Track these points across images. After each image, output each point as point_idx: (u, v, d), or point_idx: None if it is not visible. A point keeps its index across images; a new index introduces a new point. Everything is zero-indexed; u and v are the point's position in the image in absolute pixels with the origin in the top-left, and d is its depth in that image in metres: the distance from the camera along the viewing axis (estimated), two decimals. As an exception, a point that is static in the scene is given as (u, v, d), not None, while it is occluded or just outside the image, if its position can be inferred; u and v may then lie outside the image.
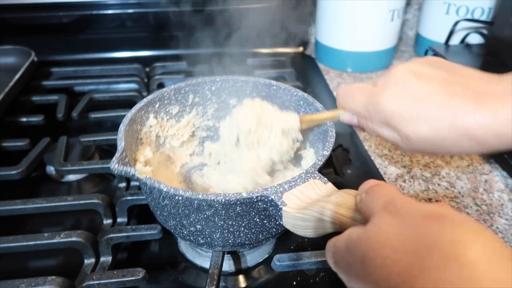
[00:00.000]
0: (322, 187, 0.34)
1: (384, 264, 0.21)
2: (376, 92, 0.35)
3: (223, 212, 0.36)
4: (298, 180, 0.35)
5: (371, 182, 0.27)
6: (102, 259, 0.45)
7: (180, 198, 0.35)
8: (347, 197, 0.29)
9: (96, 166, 0.55)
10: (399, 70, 0.34)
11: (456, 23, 0.79)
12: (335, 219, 0.29)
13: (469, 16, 0.83)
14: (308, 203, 0.32)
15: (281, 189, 0.34)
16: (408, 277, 0.20)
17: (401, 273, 0.20)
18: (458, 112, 0.30)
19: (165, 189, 0.34)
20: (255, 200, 0.34)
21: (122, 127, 0.42)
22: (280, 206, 0.33)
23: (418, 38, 0.95)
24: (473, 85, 0.31)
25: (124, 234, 0.45)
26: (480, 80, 0.32)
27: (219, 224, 0.37)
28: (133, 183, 0.56)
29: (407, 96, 0.33)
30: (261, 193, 0.34)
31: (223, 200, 0.34)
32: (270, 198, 0.34)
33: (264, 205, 0.35)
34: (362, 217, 0.27)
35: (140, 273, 0.40)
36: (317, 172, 0.36)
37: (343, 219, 0.28)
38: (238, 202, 0.34)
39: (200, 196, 0.34)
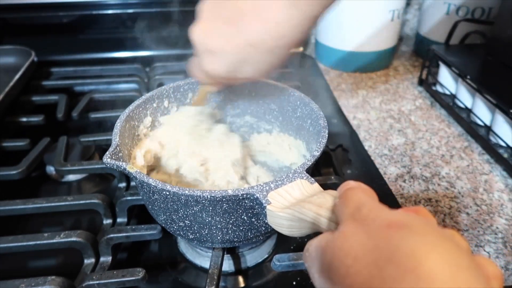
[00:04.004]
0: (308, 188, 0.34)
1: (347, 274, 0.21)
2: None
3: (210, 208, 0.36)
4: (285, 179, 0.35)
5: (347, 185, 0.27)
6: (102, 259, 0.45)
7: (167, 193, 0.35)
8: (328, 198, 0.29)
9: (96, 166, 0.55)
10: (195, 35, 0.40)
11: (456, 23, 0.79)
12: (315, 220, 0.29)
13: (469, 16, 0.83)
14: (292, 203, 0.33)
15: (267, 188, 0.34)
16: None
17: (362, 283, 0.20)
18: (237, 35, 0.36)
19: (153, 184, 0.35)
20: (240, 197, 0.35)
21: (118, 123, 0.43)
22: (264, 205, 0.33)
23: (418, 38, 0.95)
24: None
25: (124, 234, 0.45)
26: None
27: (207, 220, 0.38)
28: (133, 183, 0.56)
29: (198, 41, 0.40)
30: (247, 191, 0.34)
31: (208, 196, 0.34)
32: (255, 196, 0.34)
33: (251, 203, 0.36)
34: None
35: (140, 273, 0.40)
36: (304, 172, 0.36)
37: (323, 220, 0.28)
38: (224, 199, 0.35)
39: (186, 192, 0.34)
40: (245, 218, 0.38)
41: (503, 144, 0.61)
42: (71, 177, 0.60)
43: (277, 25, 0.35)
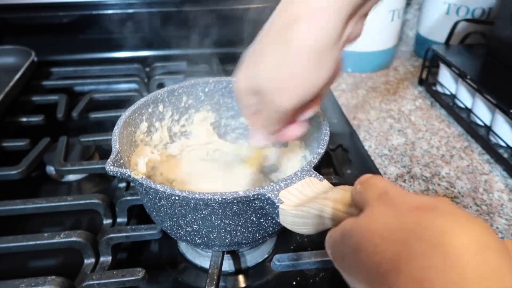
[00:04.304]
0: (318, 185, 0.35)
1: (375, 252, 0.21)
2: None
3: (220, 211, 0.36)
4: (294, 178, 0.35)
5: (367, 176, 0.27)
6: (102, 259, 0.45)
7: (176, 198, 0.35)
8: (343, 192, 0.30)
9: (96, 166, 0.55)
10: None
11: (456, 23, 0.79)
12: (332, 215, 0.29)
13: (469, 16, 0.83)
14: (304, 200, 0.33)
15: (278, 187, 0.34)
16: (396, 264, 0.20)
17: (391, 260, 0.21)
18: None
19: (161, 189, 0.35)
20: (251, 198, 0.34)
21: (116, 129, 0.43)
22: (277, 204, 0.33)
23: (418, 38, 0.95)
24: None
25: (124, 234, 0.45)
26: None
27: (216, 224, 0.37)
28: (133, 184, 0.56)
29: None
30: (258, 191, 0.34)
31: (220, 199, 0.34)
32: (266, 196, 0.34)
33: (261, 204, 0.35)
34: (358, 212, 0.27)
35: (140, 273, 0.40)
36: (312, 169, 0.36)
37: (340, 215, 0.28)
38: (235, 201, 0.34)
39: (197, 196, 0.34)
40: (254, 219, 0.37)
41: (503, 144, 0.61)
42: (71, 177, 0.60)
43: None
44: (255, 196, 0.34)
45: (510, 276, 0.18)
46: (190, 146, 0.54)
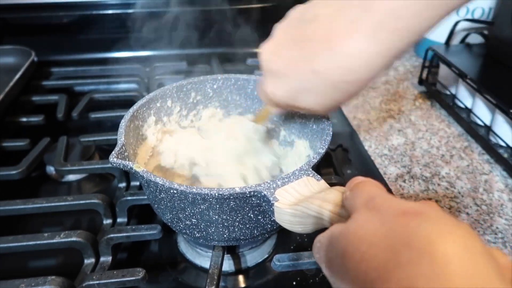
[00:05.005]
0: (315, 184, 0.35)
1: (362, 259, 0.21)
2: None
3: (218, 206, 0.36)
4: (292, 176, 0.35)
5: (357, 180, 0.28)
6: (102, 259, 0.45)
7: (175, 191, 0.35)
8: (336, 193, 0.30)
9: (96, 166, 0.55)
10: (263, 54, 0.38)
11: (456, 23, 0.79)
12: (323, 216, 0.29)
13: (469, 16, 0.83)
14: (300, 199, 0.33)
15: (274, 185, 0.35)
16: (383, 272, 0.20)
17: (377, 267, 0.20)
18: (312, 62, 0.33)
19: (160, 182, 0.35)
20: (248, 195, 0.35)
21: (123, 123, 0.43)
22: (272, 202, 0.33)
23: (418, 38, 0.95)
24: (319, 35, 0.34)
25: (124, 234, 0.45)
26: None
27: (214, 219, 0.38)
28: (133, 183, 0.56)
29: (271, 73, 0.38)
30: (254, 188, 0.34)
31: (216, 194, 0.34)
32: (262, 194, 0.34)
33: (258, 201, 0.36)
34: (349, 214, 0.27)
35: (140, 273, 0.40)
36: (310, 169, 0.36)
37: (331, 216, 0.29)
38: (231, 197, 0.35)
39: (194, 190, 0.34)
40: (252, 215, 0.38)
41: (503, 144, 0.61)
42: (71, 177, 0.60)
43: (348, 57, 0.31)
44: (252, 193, 0.34)
45: (498, 282, 0.18)
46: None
